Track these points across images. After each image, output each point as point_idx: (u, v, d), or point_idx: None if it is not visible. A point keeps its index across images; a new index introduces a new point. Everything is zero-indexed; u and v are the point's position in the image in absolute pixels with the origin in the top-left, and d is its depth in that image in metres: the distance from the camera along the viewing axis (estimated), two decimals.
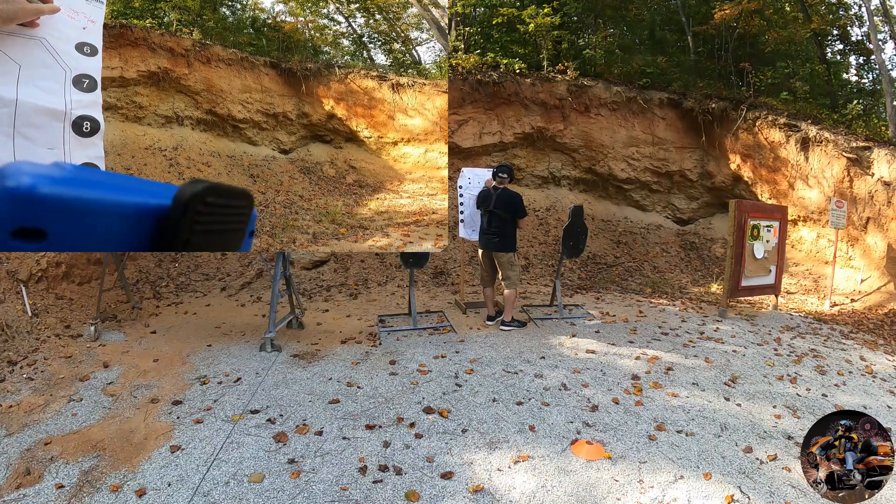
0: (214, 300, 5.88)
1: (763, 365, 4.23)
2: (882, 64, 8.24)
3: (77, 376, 3.61)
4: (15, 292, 4.47)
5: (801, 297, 6.89)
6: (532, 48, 9.36)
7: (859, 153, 6.79)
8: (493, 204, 4.94)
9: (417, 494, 2.42)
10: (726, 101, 8.24)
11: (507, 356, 4.26)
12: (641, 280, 7.48)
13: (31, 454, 2.67)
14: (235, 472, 2.56)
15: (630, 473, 2.63)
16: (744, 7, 8.31)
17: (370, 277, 6.96)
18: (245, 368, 3.87)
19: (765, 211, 6.21)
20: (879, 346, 4.90)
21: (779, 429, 3.15)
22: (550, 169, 8.97)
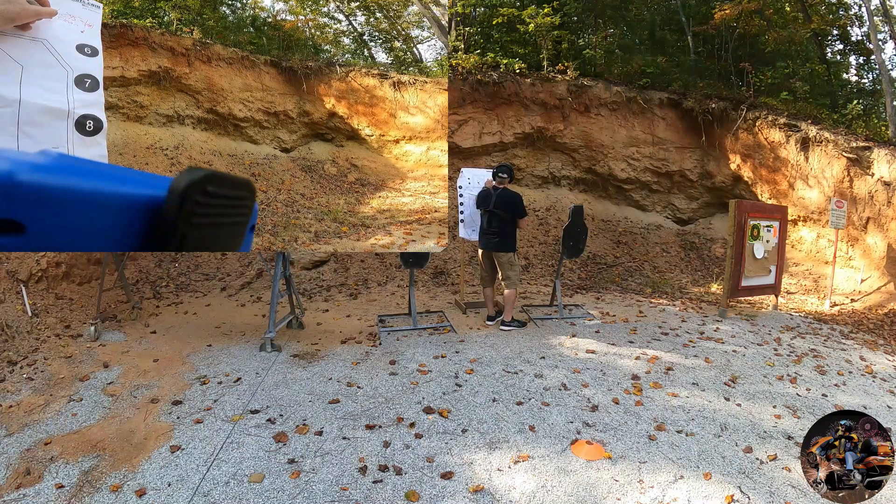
0: (214, 300, 5.88)
1: (763, 365, 4.23)
2: (882, 64, 8.24)
3: (77, 376, 3.61)
4: (15, 292, 4.47)
5: (801, 297, 6.88)
6: (532, 48, 9.35)
7: (859, 153, 6.79)
8: (493, 204, 4.94)
9: (417, 494, 2.42)
10: (726, 101, 8.24)
11: (507, 356, 4.26)
12: (641, 280, 7.48)
13: (31, 454, 2.67)
14: (235, 472, 2.56)
15: (630, 473, 2.63)
16: (744, 7, 8.31)
17: (370, 277, 6.96)
18: (245, 368, 3.87)
19: (765, 211, 6.21)
20: (879, 346, 4.90)
21: (779, 429, 3.15)
22: (550, 169, 8.96)
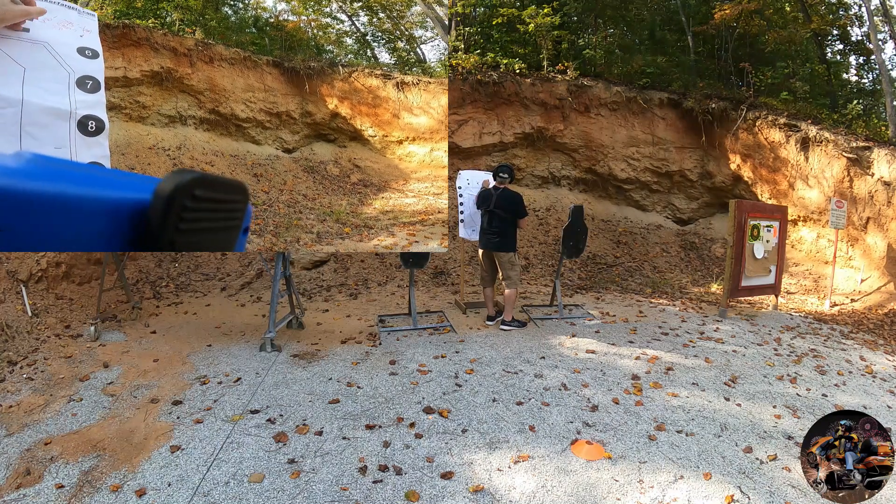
0: (214, 300, 5.88)
1: (763, 365, 4.23)
2: (882, 64, 8.24)
3: (77, 376, 3.61)
4: (15, 292, 4.47)
5: (801, 297, 6.89)
6: (532, 48, 9.36)
7: (859, 153, 6.79)
8: (494, 204, 4.94)
9: (417, 494, 2.42)
10: (726, 101, 8.24)
11: (507, 356, 4.26)
12: (641, 280, 7.48)
13: (31, 454, 2.67)
14: (235, 472, 2.56)
15: (630, 473, 2.63)
16: (744, 7, 8.31)
17: (370, 277, 6.96)
18: (245, 368, 3.87)
19: (765, 211, 6.21)
20: (879, 346, 4.90)
21: (779, 429, 3.15)
22: (550, 169, 8.97)
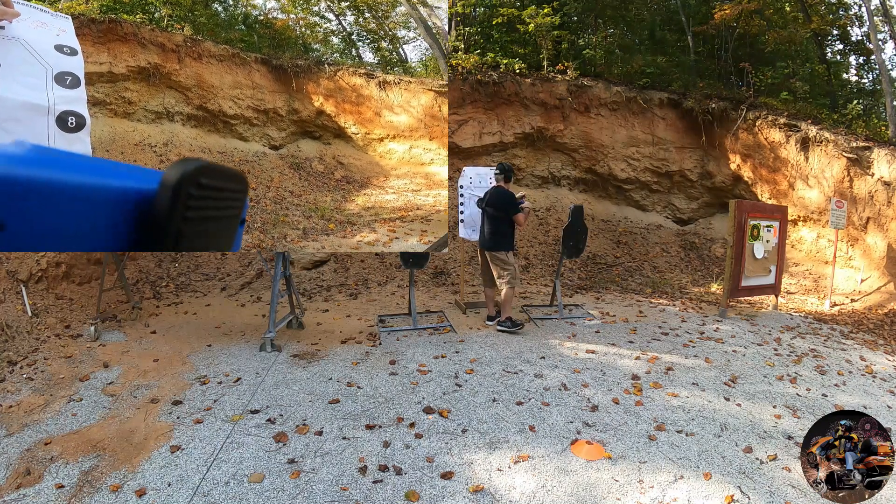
0: (214, 300, 5.88)
1: (763, 365, 4.23)
2: (882, 64, 8.24)
3: (77, 376, 3.61)
4: (15, 292, 4.47)
5: (801, 297, 6.88)
6: (532, 48, 9.36)
7: (859, 153, 6.79)
8: (486, 202, 4.99)
9: (417, 494, 2.42)
10: (726, 101, 8.24)
11: (507, 356, 4.26)
12: (641, 280, 7.48)
13: (31, 454, 2.67)
14: (235, 472, 2.56)
15: (630, 473, 2.63)
16: (744, 7, 8.31)
17: (370, 277, 6.96)
18: (245, 368, 3.87)
19: (765, 211, 6.21)
20: (879, 346, 4.90)
21: (779, 429, 3.15)
22: (550, 169, 8.97)
